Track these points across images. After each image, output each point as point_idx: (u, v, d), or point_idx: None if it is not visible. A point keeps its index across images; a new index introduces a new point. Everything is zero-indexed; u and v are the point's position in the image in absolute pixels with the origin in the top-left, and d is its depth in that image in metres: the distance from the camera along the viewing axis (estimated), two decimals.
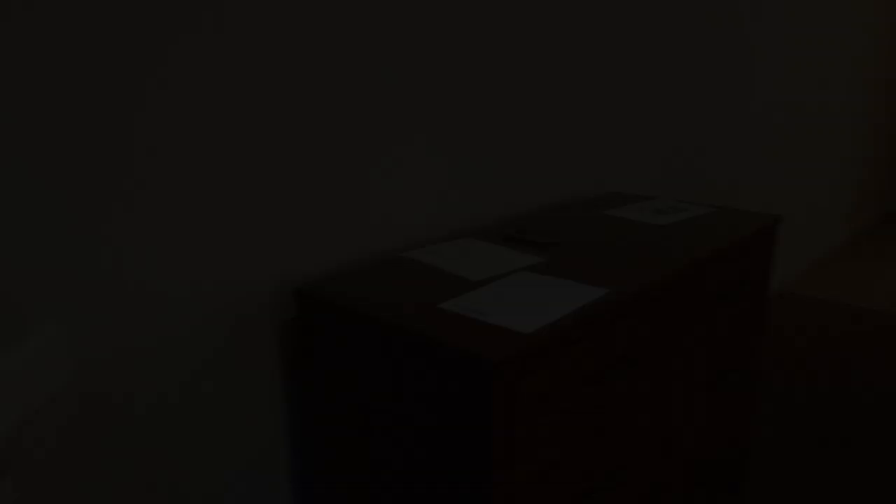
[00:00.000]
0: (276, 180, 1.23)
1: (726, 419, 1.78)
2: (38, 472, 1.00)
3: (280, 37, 1.18)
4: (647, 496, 1.46)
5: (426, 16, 1.43)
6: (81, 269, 1.00)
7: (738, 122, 2.88)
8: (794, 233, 3.80)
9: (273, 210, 1.23)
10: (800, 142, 3.57)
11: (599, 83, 2.01)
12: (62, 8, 0.92)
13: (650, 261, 1.38)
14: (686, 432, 1.56)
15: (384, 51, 1.36)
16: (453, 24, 1.50)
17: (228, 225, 1.17)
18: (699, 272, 1.45)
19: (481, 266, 1.32)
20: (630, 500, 1.39)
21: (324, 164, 1.30)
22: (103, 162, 1.00)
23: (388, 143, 1.42)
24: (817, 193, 4.02)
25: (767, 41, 2.95)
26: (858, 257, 4.46)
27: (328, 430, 1.28)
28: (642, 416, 1.36)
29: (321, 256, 1.33)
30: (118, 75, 0.99)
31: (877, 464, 2.17)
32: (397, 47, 1.39)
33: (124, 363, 1.08)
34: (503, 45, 1.64)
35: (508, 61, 1.67)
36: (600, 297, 1.18)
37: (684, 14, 2.32)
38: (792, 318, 3.37)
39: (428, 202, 1.54)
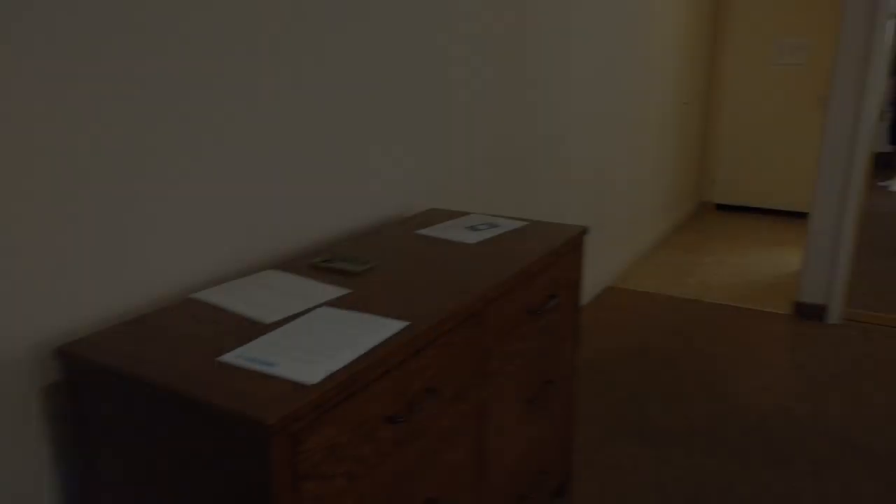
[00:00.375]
0: (21, 215, 1.07)
1: (548, 429, 1.82)
2: None
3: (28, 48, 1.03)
4: None
5: (207, 24, 1.32)
6: None
7: (552, 128, 2.98)
8: (617, 230, 4.02)
9: (22, 250, 1.08)
10: (614, 143, 3.78)
11: (415, 96, 1.98)
12: None
13: (457, 284, 1.37)
14: (506, 451, 1.57)
15: (157, 57, 1.24)
16: (240, 32, 1.40)
17: None
18: (506, 291, 1.45)
19: (279, 304, 1.24)
20: None
21: (84, 191, 1.16)
22: None
23: (167, 164, 1.29)
24: (638, 191, 4.29)
25: (571, 49, 3.09)
26: (677, 249, 4.82)
27: None
28: (454, 444, 1.34)
29: (90, 305, 1.19)
30: None
31: (702, 454, 2.32)
32: (173, 53, 1.27)
33: None
34: (303, 58, 1.56)
35: (311, 73, 1.59)
36: (400, 330, 1.14)
37: (487, 23, 2.36)
38: (615, 313, 3.56)
39: (221, 231, 1.43)
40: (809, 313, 3.54)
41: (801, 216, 5.69)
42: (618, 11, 3.48)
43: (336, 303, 1.26)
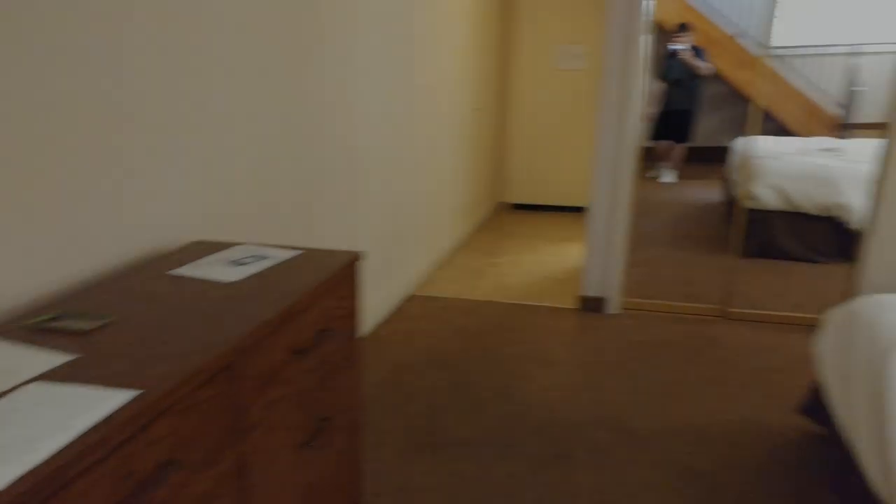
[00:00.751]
0: None
1: (332, 466, 1.76)
2: None
3: None
4: None
5: None
6: None
7: (339, 143, 2.93)
8: (415, 238, 4.07)
9: None
10: (408, 153, 3.82)
11: (172, 113, 1.82)
12: None
13: (207, 334, 1.26)
14: (280, 502, 1.49)
15: None
16: None
17: None
18: (266, 335, 1.37)
19: None
20: None
21: None
22: None
23: None
24: (436, 197, 4.37)
25: (356, 63, 3.06)
26: (476, 251, 4.98)
27: None
28: None
29: None
30: None
31: (493, 461, 2.39)
32: None
33: None
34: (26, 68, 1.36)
35: (37, 84, 1.40)
36: (126, 402, 1.02)
37: (260, 34, 2.25)
38: (415, 322, 3.59)
39: None
40: (593, 306, 3.82)
41: None
42: (404, 26, 3.50)
43: (53, 374, 1.10)
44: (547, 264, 4.69)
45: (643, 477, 2.28)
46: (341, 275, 1.72)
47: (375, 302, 3.49)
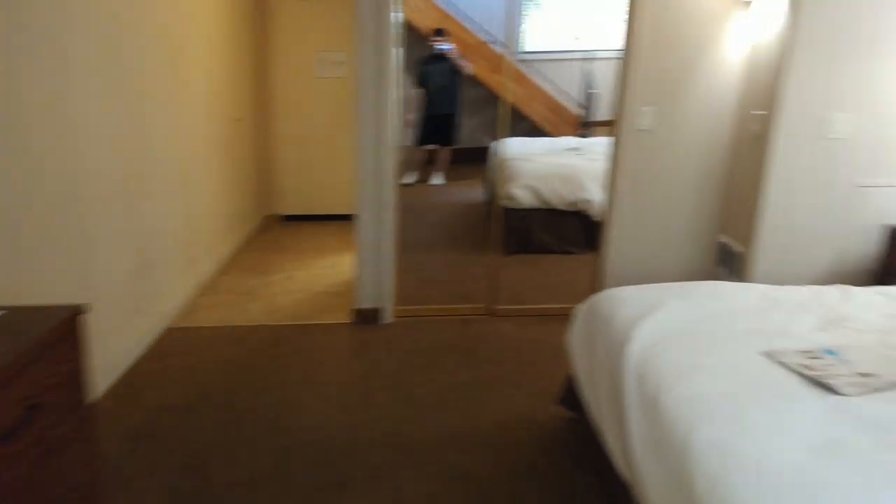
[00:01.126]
0: None
1: None
2: None
3: None
4: None
5: None
6: None
7: (62, 179, 2.57)
8: (170, 266, 3.74)
9: None
10: (151, 176, 3.49)
11: None
12: None
13: None
14: None
15: None
16: None
17: None
18: None
19: None
20: None
21: None
22: None
23: None
24: (192, 218, 4.05)
25: (77, 87, 2.71)
26: (244, 271, 4.72)
27: None
28: None
29: None
30: None
31: (268, 501, 2.24)
32: None
33: None
34: None
35: None
36: None
37: None
38: (173, 359, 3.29)
39: None
40: (368, 318, 3.80)
41: None
42: (136, 46, 3.17)
43: None
44: (321, 278, 4.59)
45: (423, 491, 2.29)
46: (57, 334, 1.48)
47: (123, 345, 3.13)
